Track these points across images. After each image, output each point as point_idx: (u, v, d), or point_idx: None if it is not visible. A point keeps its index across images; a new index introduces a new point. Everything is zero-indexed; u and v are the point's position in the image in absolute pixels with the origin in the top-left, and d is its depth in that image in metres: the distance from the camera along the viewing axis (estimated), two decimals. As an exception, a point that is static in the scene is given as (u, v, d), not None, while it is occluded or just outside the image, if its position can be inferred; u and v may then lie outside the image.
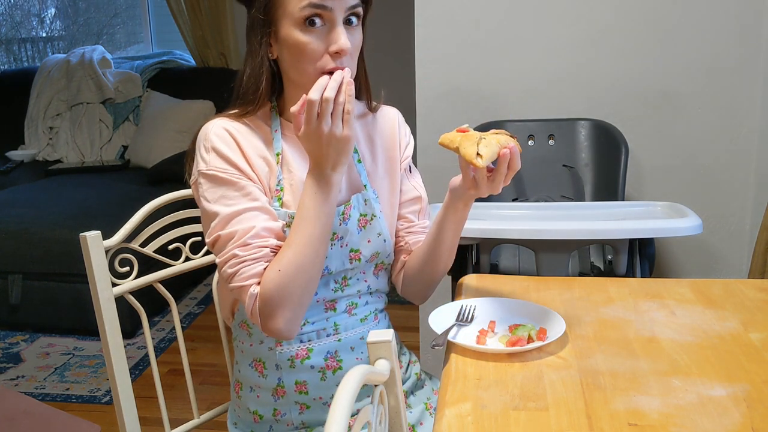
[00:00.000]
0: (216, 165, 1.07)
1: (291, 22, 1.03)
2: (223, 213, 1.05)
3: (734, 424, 0.84)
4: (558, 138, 2.01)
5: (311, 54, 1.04)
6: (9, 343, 2.86)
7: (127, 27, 4.76)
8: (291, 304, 1.04)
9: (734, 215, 2.09)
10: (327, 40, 1.04)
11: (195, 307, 3.17)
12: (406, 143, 1.26)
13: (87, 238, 1.15)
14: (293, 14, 1.03)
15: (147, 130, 3.75)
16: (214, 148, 1.07)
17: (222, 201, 1.06)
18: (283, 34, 1.05)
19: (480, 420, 0.87)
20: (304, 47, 1.03)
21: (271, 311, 1.04)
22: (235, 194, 1.06)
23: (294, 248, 1.04)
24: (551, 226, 1.53)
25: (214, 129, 1.09)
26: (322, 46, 1.04)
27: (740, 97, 2.01)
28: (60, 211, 2.97)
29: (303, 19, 1.02)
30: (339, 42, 1.03)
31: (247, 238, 1.04)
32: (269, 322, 1.05)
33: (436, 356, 2.10)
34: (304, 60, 1.04)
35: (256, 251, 1.04)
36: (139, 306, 1.25)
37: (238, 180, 1.07)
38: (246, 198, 1.06)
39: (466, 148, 1.02)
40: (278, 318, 1.04)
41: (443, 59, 2.09)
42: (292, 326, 1.06)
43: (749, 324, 1.12)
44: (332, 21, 1.04)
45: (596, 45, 2.03)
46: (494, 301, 1.19)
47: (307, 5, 1.01)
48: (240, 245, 1.04)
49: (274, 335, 1.07)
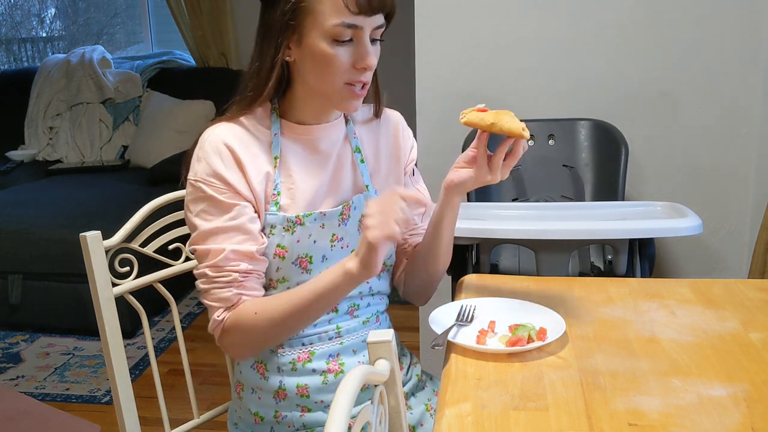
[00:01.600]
0: (203, 176, 1.07)
1: (320, 34, 1.04)
2: (201, 228, 1.08)
3: (734, 424, 0.84)
4: (558, 138, 2.01)
5: (338, 67, 1.05)
6: (9, 343, 2.86)
7: (127, 27, 4.76)
8: (253, 345, 1.12)
9: (734, 215, 2.09)
10: (354, 55, 1.06)
11: (195, 307, 3.17)
12: (410, 147, 1.27)
13: (87, 238, 1.15)
14: (323, 26, 1.03)
15: (147, 130, 3.75)
16: (205, 158, 1.08)
17: (202, 215, 1.08)
18: (309, 43, 1.05)
19: (480, 420, 0.87)
20: (331, 60, 1.04)
21: (231, 342, 1.11)
22: (214, 210, 1.08)
23: (282, 302, 1.07)
24: (551, 226, 1.53)
25: (210, 138, 1.09)
26: (348, 60, 1.05)
27: (740, 97, 2.00)
28: (60, 211, 2.97)
29: (334, 34, 1.03)
30: (367, 60, 1.05)
31: (218, 260, 1.07)
32: (226, 348, 1.13)
33: (436, 356, 2.10)
34: (330, 72, 1.06)
35: (225, 275, 1.07)
36: (139, 306, 1.25)
37: (220, 195, 1.07)
38: (225, 216, 1.07)
39: (509, 123, 1.02)
40: (235, 349, 1.13)
41: (443, 59, 2.09)
42: (244, 356, 1.16)
43: (749, 324, 1.12)
44: (360, 38, 1.05)
45: (596, 45, 2.03)
46: (494, 301, 1.19)
47: (340, 24, 1.02)
48: (211, 266, 1.07)
49: (225, 353, 1.18)
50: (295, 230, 1.10)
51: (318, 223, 1.12)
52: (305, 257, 1.12)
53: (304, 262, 1.12)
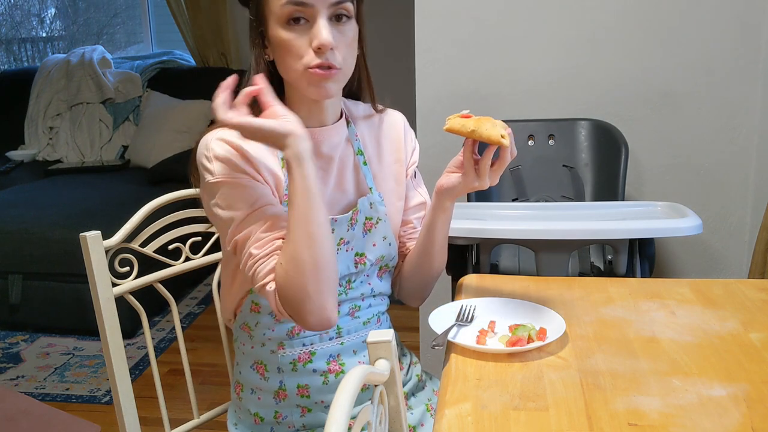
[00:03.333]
0: (222, 173, 1.05)
1: (275, 21, 1.04)
2: (238, 216, 1.04)
3: (734, 424, 0.85)
4: (558, 138, 2.01)
5: (296, 51, 1.03)
6: (9, 343, 2.86)
7: (127, 27, 4.76)
8: (307, 295, 0.98)
9: (734, 215, 2.09)
10: (309, 36, 1.03)
11: (195, 307, 3.17)
12: (412, 148, 1.26)
13: (87, 238, 1.15)
14: (276, 13, 1.03)
15: (147, 130, 3.75)
16: (216, 156, 1.05)
17: (235, 206, 1.04)
18: (270, 34, 1.06)
19: (480, 420, 0.87)
20: (288, 44, 1.03)
21: (294, 307, 1.00)
22: (245, 196, 1.04)
23: (288, 234, 1.01)
24: (551, 226, 1.53)
25: (214, 139, 1.07)
26: (305, 42, 1.03)
27: (740, 97, 2.00)
28: (60, 211, 2.97)
29: (285, 16, 1.02)
30: (320, 37, 1.01)
31: (260, 233, 1.02)
32: (298, 318, 1.00)
33: (436, 356, 2.10)
34: (290, 57, 1.04)
35: (269, 245, 1.02)
36: (139, 306, 1.25)
37: (247, 183, 1.05)
38: (257, 199, 1.04)
39: (488, 130, 1.00)
40: (304, 313, 0.99)
41: (443, 59, 2.09)
42: (323, 315, 1.00)
43: (749, 324, 1.12)
44: (314, 17, 1.02)
45: (596, 45, 2.03)
46: (494, 301, 1.19)
47: (286, 2, 1.02)
48: (254, 242, 1.02)
49: (314, 329, 1.03)
50: None
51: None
52: None
53: None
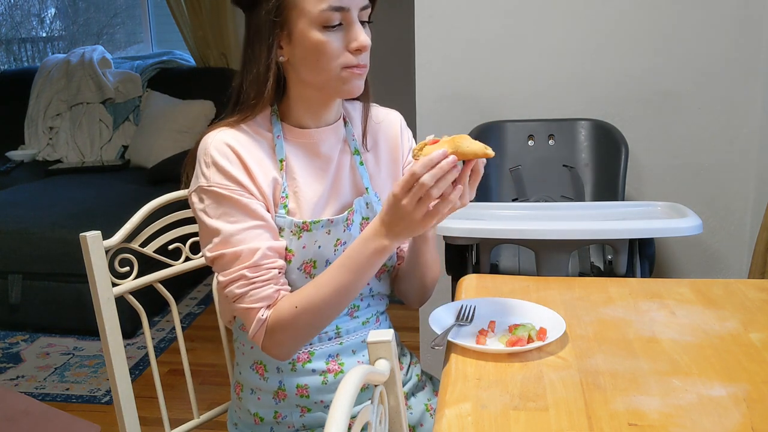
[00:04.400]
0: (217, 181, 1.05)
1: (308, 23, 1.03)
2: (226, 230, 1.04)
3: (734, 424, 0.84)
4: (558, 138, 2.01)
5: (332, 53, 1.04)
6: (9, 343, 2.86)
7: (127, 27, 4.76)
8: (298, 340, 1.07)
9: (734, 215, 2.09)
10: (346, 39, 1.05)
11: (195, 307, 3.17)
12: (408, 148, 1.26)
13: (87, 238, 1.15)
14: (310, 15, 1.03)
15: (147, 130, 3.75)
16: (214, 162, 1.05)
17: (224, 218, 1.05)
18: (299, 36, 1.04)
19: (480, 420, 0.87)
20: (324, 47, 1.03)
21: (277, 341, 1.06)
22: (237, 211, 1.05)
23: (320, 290, 1.04)
24: (551, 226, 1.53)
25: (214, 143, 1.07)
26: (341, 44, 1.05)
27: (740, 97, 2.00)
28: (60, 211, 2.97)
29: (324, 20, 1.03)
30: (360, 39, 1.04)
31: (257, 259, 1.03)
32: (271, 349, 1.08)
33: (436, 356, 2.10)
34: (325, 59, 1.04)
35: (265, 273, 1.05)
36: (139, 306, 1.25)
37: (240, 197, 1.05)
38: (249, 216, 1.05)
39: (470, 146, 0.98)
40: (281, 348, 1.07)
41: (443, 60, 2.09)
42: (291, 354, 1.10)
43: (749, 324, 1.12)
44: (349, 20, 1.04)
45: (596, 45, 2.03)
46: (494, 301, 1.19)
47: (327, 8, 1.02)
48: (249, 266, 1.04)
49: (276, 358, 1.10)
50: (301, 235, 1.10)
51: (324, 229, 1.11)
52: (309, 262, 1.11)
53: (308, 267, 1.11)
